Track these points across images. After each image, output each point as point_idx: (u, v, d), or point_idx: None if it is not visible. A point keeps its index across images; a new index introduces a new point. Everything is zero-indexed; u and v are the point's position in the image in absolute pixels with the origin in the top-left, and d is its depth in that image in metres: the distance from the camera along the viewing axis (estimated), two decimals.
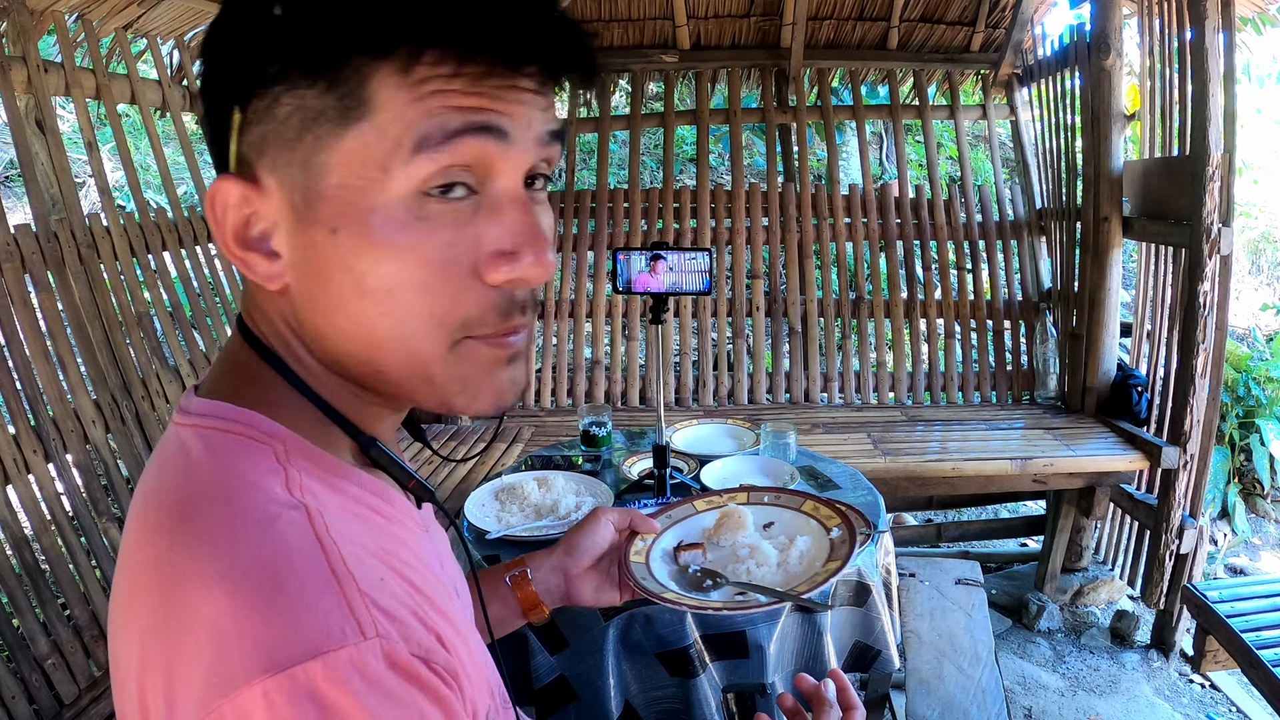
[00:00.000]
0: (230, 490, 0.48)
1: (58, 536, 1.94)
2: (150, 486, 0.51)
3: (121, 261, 2.34)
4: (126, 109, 2.74)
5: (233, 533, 0.45)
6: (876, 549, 1.51)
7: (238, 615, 0.42)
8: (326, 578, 0.44)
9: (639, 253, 1.52)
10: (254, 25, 0.47)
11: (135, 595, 0.47)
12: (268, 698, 0.40)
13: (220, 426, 0.51)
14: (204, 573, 0.44)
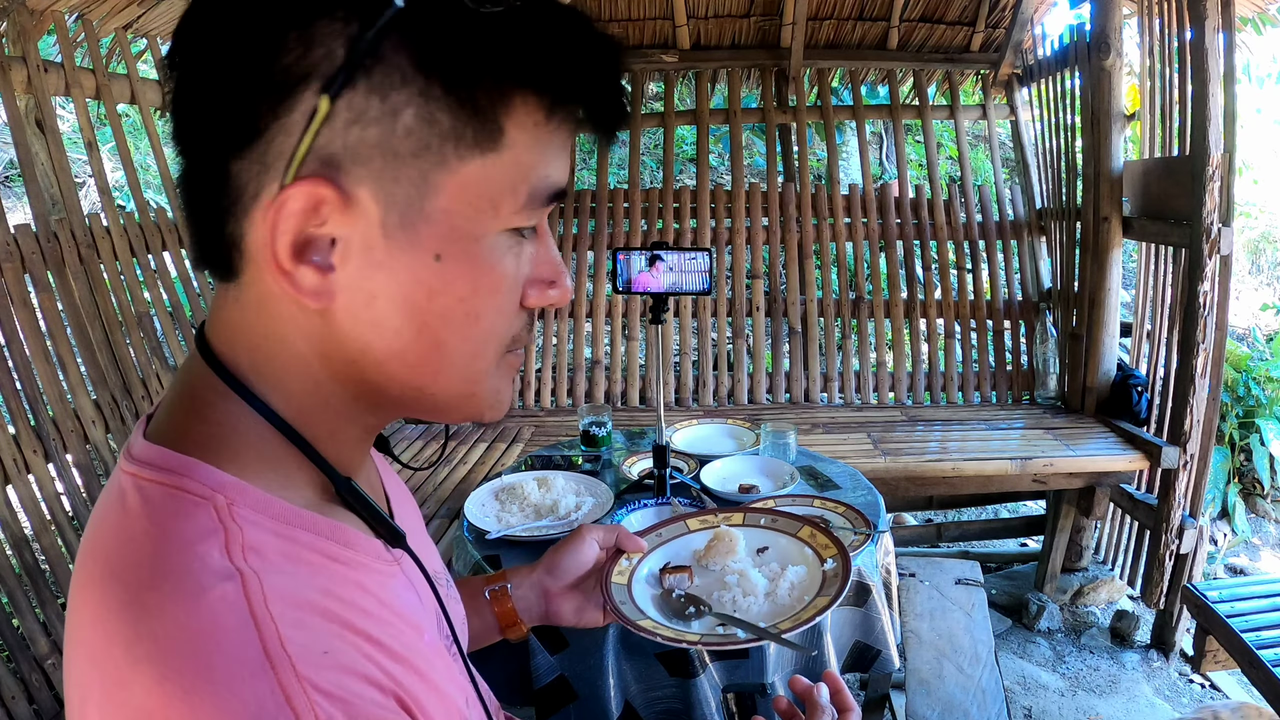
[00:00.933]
0: (163, 557, 0.44)
1: (58, 536, 1.94)
2: (91, 540, 0.49)
3: (121, 261, 2.34)
4: (126, 109, 2.74)
5: (162, 609, 0.42)
6: (876, 549, 1.51)
7: (165, 702, 0.40)
8: (259, 661, 0.41)
9: (639, 253, 1.52)
10: (369, 10, 0.41)
11: (78, 646, 0.45)
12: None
13: (158, 479, 0.48)
14: (133, 653, 0.41)
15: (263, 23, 0.42)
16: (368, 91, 0.42)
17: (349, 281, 0.45)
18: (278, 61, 0.42)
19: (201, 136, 0.45)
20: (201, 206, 0.47)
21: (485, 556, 1.48)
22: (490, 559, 1.48)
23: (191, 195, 0.47)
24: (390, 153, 0.43)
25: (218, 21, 0.43)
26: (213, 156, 0.45)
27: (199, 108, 0.44)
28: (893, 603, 1.58)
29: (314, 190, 0.42)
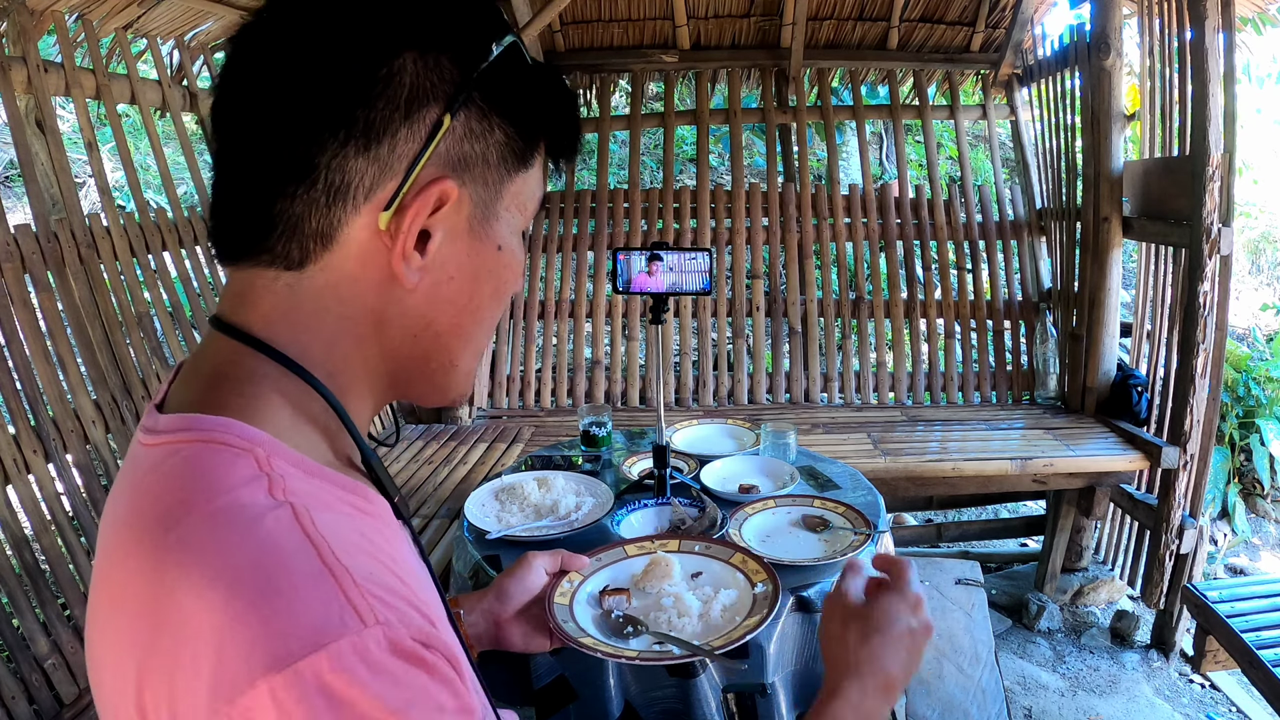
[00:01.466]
0: (211, 497, 0.47)
1: (58, 536, 1.94)
2: (123, 508, 0.50)
3: (121, 261, 2.34)
4: (126, 109, 2.74)
5: (218, 538, 0.45)
6: (876, 549, 1.51)
7: (234, 618, 0.42)
8: (319, 571, 0.44)
9: (639, 253, 1.52)
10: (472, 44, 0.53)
11: (121, 615, 0.46)
12: (274, 696, 0.40)
13: (195, 438, 0.50)
14: (194, 580, 0.43)
15: (388, 38, 0.50)
16: (475, 115, 0.53)
17: (435, 265, 0.54)
18: (402, 77, 0.50)
19: (297, 135, 0.50)
20: (281, 200, 0.51)
21: (485, 556, 1.49)
22: (490, 559, 1.48)
23: (268, 189, 0.51)
24: (485, 162, 0.54)
25: (341, 26, 0.50)
26: (306, 153, 0.50)
27: (300, 108, 0.50)
28: None
29: (444, 188, 0.52)
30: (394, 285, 0.54)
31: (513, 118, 0.55)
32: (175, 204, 2.64)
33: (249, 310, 0.54)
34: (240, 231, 0.53)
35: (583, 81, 3.87)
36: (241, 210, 0.53)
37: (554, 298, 3.59)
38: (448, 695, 0.45)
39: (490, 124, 0.54)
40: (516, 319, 3.57)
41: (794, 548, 1.48)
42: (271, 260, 0.53)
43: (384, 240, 0.52)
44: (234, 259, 0.54)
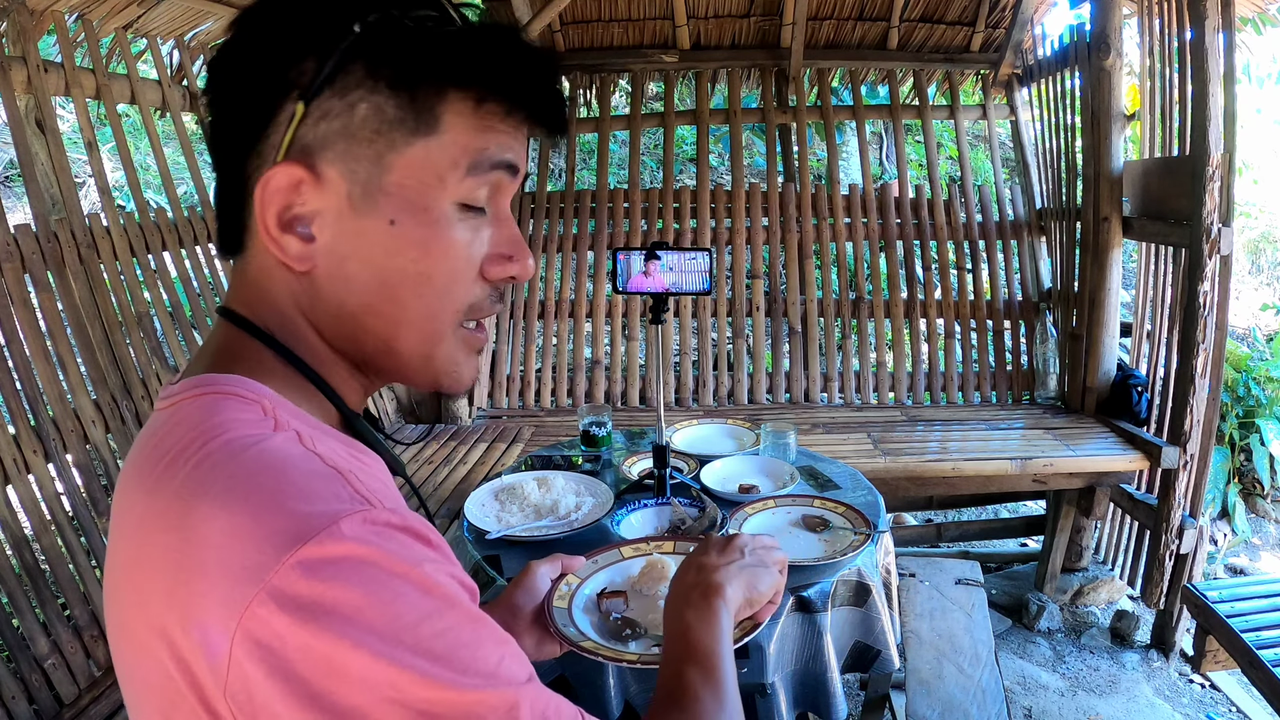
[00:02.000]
0: (224, 431, 0.51)
1: (58, 536, 1.94)
2: (141, 457, 0.54)
3: (121, 261, 2.34)
4: (126, 109, 2.74)
5: (232, 456, 0.49)
6: (876, 549, 1.51)
7: (255, 513, 0.46)
8: (327, 471, 0.49)
9: (639, 253, 1.53)
10: (331, 31, 0.53)
11: (147, 544, 0.49)
12: (300, 568, 0.44)
13: (207, 392, 0.55)
14: (213, 492, 0.47)
15: (262, 61, 0.55)
16: (331, 95, 0.53)
17: (326, 247, 0.55)
18: (273, 82, 0.54)
19: (226, 146, 0.57)
20: (225, 200, 0.58)
21: (485, 556, 1.49)
22: (490, 559, 1.48)
23: (220, 193, 0.59)
24: (350, 138, 0.54)
25: (234, 63, 0.56)
26: (234, 160, 0.57)
27: (226, 125, 0.57)
28: (893, 603, 1.58)
29: (290, 171, 0.53)
30: (299, 277, 0.57)
31: (392, 85, 0.54)
32: (175, 204, 2.64)
33: (234, 296, 0.60)
34: (218, 226, 0.61)
35: (583, 81, 3.87)
36: (218, 205, 0.60)
37: (554, 298, 3.59)
38: (449, 561, 0.51)
39: (352, 101, 0.53)
40: (516, 319, 3.57)
41: (794, 548, 1.48)
42: (230, 251, 0.60)
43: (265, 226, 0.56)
44: (226, 250, 0.61)
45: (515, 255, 0.61)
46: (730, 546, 0.90)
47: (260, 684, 0.44)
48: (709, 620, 0.79)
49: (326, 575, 0.44)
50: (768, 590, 0.89)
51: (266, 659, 0.44)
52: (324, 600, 0.44)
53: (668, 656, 0.77)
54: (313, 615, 0.44)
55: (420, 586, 0.47)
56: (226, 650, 0.44)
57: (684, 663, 0.74)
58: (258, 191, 0.54)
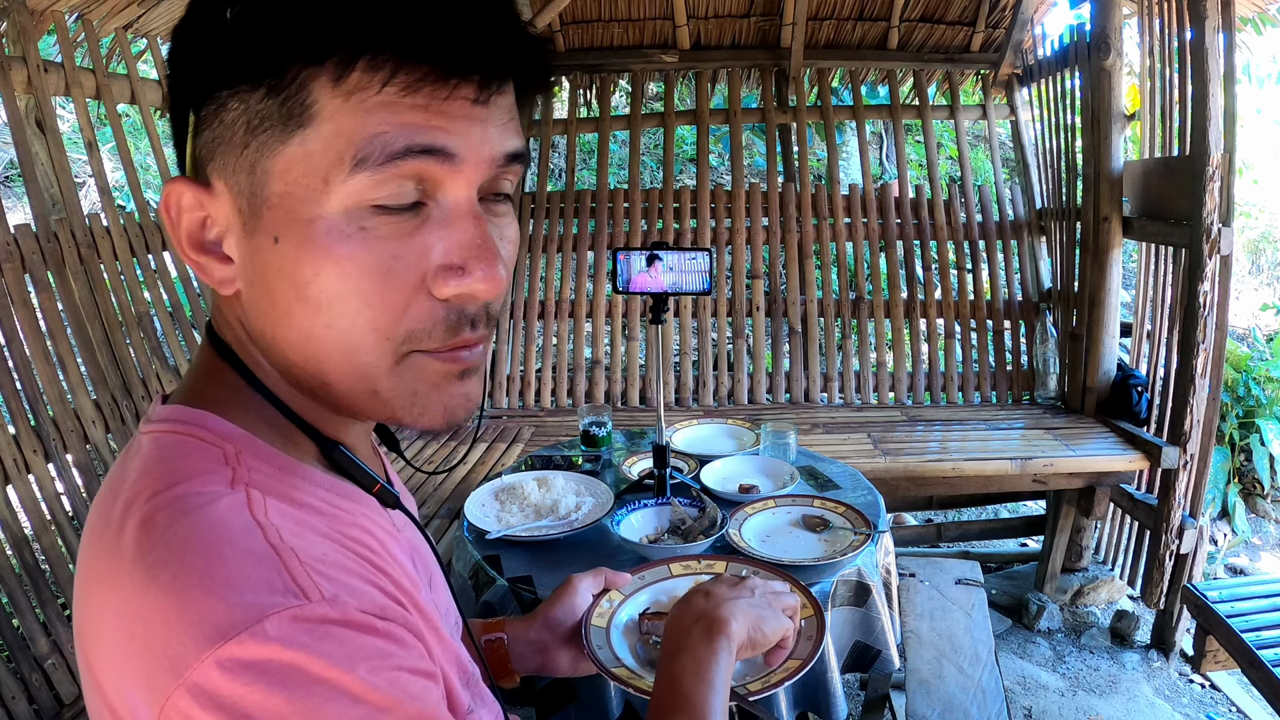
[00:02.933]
0: (172, 485, 0.47)
1: (58, 536, 1.94)
2: (106, 489, 0.51)
3: (121, 261, 2.34)
4: (126, 109, 2.74)
5: (171, 521, 0.45)
6: (876, 549, 1.51)
7: (180, 596, 0.42)
8: (265, 551, 0.44)
9: (639, 253, 1.53)
10: (207, 29, 0.46)
11: (89, 601, 0.47)
12: (221, 668, 0.41)
13: (172, 429, 0.51)
14: (144, 562, 0.44)
15: (180, 52, 0.49)
16: (213, 97, 0.46)
17: (240, 270, 0.49)
18: (176, 92, 0.49)
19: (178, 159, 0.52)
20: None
21: (485, 556, 1.49)
22: (490, 559, 1.48)
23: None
24: (227, 144, 0.47)
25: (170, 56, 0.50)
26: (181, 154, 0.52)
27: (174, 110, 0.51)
28: (893, 603, 1.58)
29: (174, 187, 0.49)
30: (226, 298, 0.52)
31: (250, 79, 0.45)
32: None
33: (212, 304, 0.56)
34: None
35: (583, 81, 3.87)
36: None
37: (554, 298, 3.59)
38: (398, 652, 0.46)
39: (218, 104, 0.46)
40: (516, 319, 3.57)
41: (794, 548, 1.48)
42: None
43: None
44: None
45: (467, 266, 0.48)
46: (742, 584, 0.87)
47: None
48: (705, 665, 0.74)
49: (247, 679, 0.41)
50: (773, 634, 0.85)
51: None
52: (244, 705, 0.41)
53: (655, 701, 0.74)
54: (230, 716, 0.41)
55: (350, 693, 0.42)
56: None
57: (669, 714, 0.70)
58: (173, 205, 0.49)
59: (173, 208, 0.49)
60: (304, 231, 0.46)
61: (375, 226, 0.46)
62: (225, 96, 0.46)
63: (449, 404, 0.51)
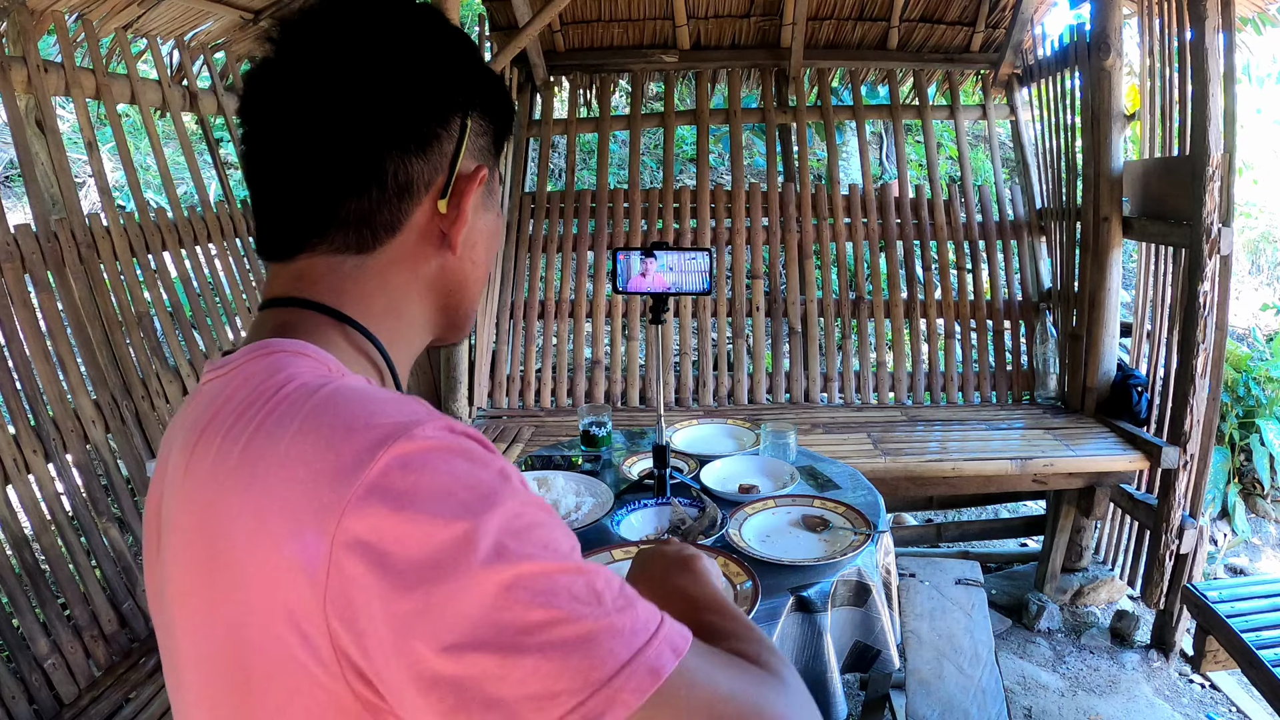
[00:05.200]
0: (296, 377, 0.56)
1: (58, 536, 1.94)
2: (204, 415, 0.57)
3: (121, 261, 2.34)
4: (126, 109, 2.74)
5: (310, 392, 0.54)
6: (876, 549, 1.51)
7: (346, 423, 0.51)
8: (405, 396, 0.55)
9: (639, 253, 1.53)
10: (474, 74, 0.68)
11: (224, 490, 0.52)
12: (395, 460, 0.48)
13: (273, 351, 0.59)
14: (299, 418, 0.52)
15: (421, 65, 0.64)
16: (478, 117, 0.68)
17: (468, 232, 0.69)
18: (437, 99, 0.65)
19: (368, 148, 0.62)
20: (353, 200, 0.63)
21: None
22: None
23: (338, 191, 0.62)
24: (486, 154, 0.70)
25: (377, 54, 0.63)
26: (376, 163, 0.62)
27: (369, 127, 0.62)
28: (893, 603, 1.58)
29: (483, 172, 0.68)
30: (444, 253, 0.68)
31: (495, 117, 0.70)
32: (175, 204, 2.64)
33: (311, 287, 0.64)
34: (304, 228, 0.64)
35: (583, 81, 3.87)
36: (306, 210, 0.63)
37: (554, 298, 3.59)
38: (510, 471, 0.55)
39: (485, 124, 0.69)
40: (517, 319, 3.57)
41: (794, 548, 1.48)
42: (339, 249, 0.64)
43: (438, 220, 0.66)
44: (289, 253, 0.65)
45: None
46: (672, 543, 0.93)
47: (359, 580, 0.46)
48: (701, 579, 0.76)
49: (416, 466, 0.48)
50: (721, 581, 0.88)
51: (366, 553, 0.46)
52: (417, 488, 0.47)
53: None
54: (407, 502, 0.47)
55: (501, 474, 0.51)
56: (326, 554, 0.47)
57: (697, 613, 0.68)
58: (467, 187, 0.66)
59: (478, 179, 0.67)
60: (498, 212, 0.74)
61: None
62: (482, 126, 0.69)
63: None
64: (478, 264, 0.72)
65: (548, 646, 0.45)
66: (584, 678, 0.45)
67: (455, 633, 0.45)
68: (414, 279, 0.68)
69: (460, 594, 0.45)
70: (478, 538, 0.46)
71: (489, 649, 0.45)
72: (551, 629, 0.46)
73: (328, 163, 0.62)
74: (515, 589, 0.46)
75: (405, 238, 0.65)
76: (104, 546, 2.05)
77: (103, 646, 1.94)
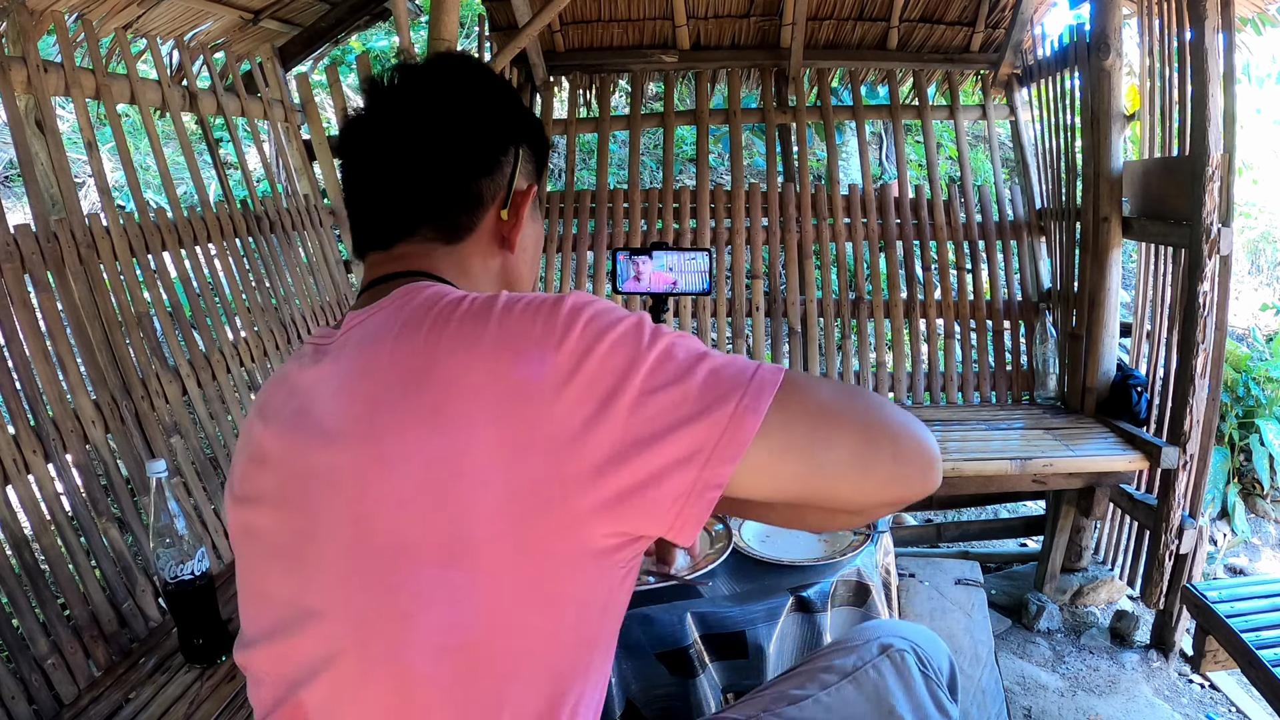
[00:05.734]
0: (470, 294, 0.76)
1: (58, 536, 1.94)
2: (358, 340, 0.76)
3: (121, 261, 2.34)
4: (126, 109, 2.74)
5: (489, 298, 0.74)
6: (876, 549, 1.51)
7: (530, 300, 0.72)
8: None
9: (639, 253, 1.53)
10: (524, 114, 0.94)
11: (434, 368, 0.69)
12: (573, 299, 0.71)
13: (425, 287, 0.78)
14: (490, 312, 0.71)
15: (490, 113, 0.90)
16: (527, 147, 0.91)
17: (522, 237, 0.91)
18: (499, 134, 0.89)
19: (459, 172, 0.86)
20: (447, 206, 0.86)
21: None
22: None
23: (436, 201, 0.86)
24: (533, 175, 0.93)
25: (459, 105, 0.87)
26: (463, 180, 0.86)
27: (459, 157, 0.85)
28: (892, 603, 1.58)
29: (534, 189, 0.92)
30: (504, 252, 0.90)
31: (536, 147, 0.93)
32: (175, 204, 2.64)
33: (416, 262, 0.85)
34: (405, 223, 0.86)
35: (583, 81, 3.87)
36: (409, 213, 0.86)
37: None
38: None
39: (531, 152, 0.92)
40: None
41: (794, 548, 1.48)
42: (432, 239, 0.85)
43: (501, 225, 0.89)
44: (390, 243, 0.86)
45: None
46: None
47: (581, 367, 0.67)
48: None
49: (584, 302, 0.71)
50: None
51: (580, 349, 0.68)
52: (594, 310, 0.70)
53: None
54: (592, 317, 0.70)
55: (638, 314, 0.74)
56: (552, 359, 0.67)
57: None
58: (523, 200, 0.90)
59: (530, 199, 0.91)
60: (541, 222, 0.98)
61: None
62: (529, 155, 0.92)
63: None
64: (529, 263, 0.94)
65: (708, 371, 0.69)
66: (738, 380, 0.68)
67: (652, 378, 0.67)
68: (485, 269, 0.89)
69: (643, 359, 0.67)
70: (643, 326, 0.70)
71: (674, 383, 0.67)
72: (705, 361, 0.69)
73: (424, 182, 0.84)
74: (675, 348, 0.69)
75: (479, 236, 0.87)
76: (104, 546, 2.05)
77: (103, 646, 1.94)
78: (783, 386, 0.68)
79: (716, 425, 0.66)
